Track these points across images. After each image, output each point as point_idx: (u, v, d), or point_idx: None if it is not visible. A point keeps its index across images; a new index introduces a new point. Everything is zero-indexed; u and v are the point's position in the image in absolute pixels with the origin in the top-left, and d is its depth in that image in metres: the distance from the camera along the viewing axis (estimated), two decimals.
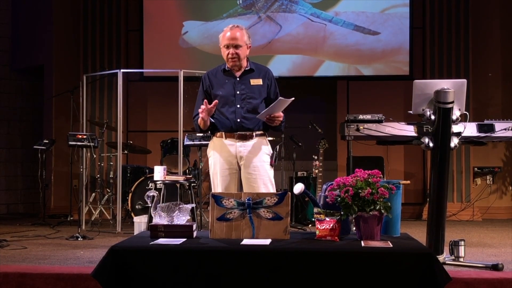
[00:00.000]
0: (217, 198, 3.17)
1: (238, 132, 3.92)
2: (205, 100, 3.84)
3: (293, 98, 3.79)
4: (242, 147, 3.93)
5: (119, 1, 8.34)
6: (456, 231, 6.37)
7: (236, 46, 3.90)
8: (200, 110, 3.84)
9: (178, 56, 8.24)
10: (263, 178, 3.93)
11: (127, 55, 8.39)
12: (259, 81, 3.99)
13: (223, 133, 3.96)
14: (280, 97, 3.80)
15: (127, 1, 8.40)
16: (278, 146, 6.59)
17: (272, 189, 3.94)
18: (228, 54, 3.91)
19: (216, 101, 3.86)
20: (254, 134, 3.95)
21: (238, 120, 3.91)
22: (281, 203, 3.15)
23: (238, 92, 3.94)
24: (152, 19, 8.32)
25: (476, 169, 7.98)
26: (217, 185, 3.98)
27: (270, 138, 4.39)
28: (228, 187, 3.93)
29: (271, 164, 4.03)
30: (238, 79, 3.97)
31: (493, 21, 8.14)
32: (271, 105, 3.81)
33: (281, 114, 3.87)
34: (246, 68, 3.99)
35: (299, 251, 2.91)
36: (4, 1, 8.87)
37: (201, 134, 6.41)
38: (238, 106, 3.92)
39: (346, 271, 2.83)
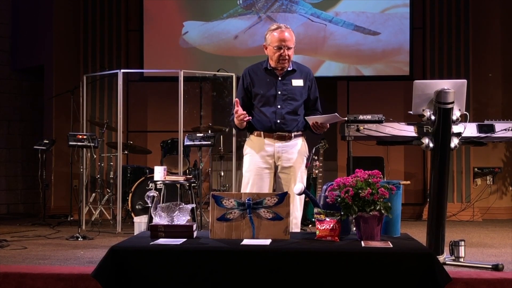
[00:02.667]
0: (217, 198, 3.17)
1: (277, 133, 3.93)
2: (237, 100, 3.85)
3: (345, 118, 3.85)
4: (280, 148, 3.94)
5: (119, 1, 8.34)
6: (456, 231, 6.36)
7: (289, 48, 3.92)
8: (235, 115, 3.85)
9: (178, 56, 8.25)
10: (296, 180, 3.94)
11: (127, 55, 8.39)
12: (301, 82, 4.00)
13: (262, 132, 3.95)
14: (336, 113, 3.84)
15: (127, 1, 8.40)
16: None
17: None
18: (280, 55, 3.90)
19: (246, 115, 3.84)
20: (292, 135, 3.96)
21: (278, 121, 3.92)
22: (281, 203, 3.15)
23: (279, 93, 3.94)
24: (152, 19, 8.32)
25: (476, 169, 7.98)
26: (249, 183, 3.95)
27: None
28: (262, 186, 3.92)
29: (306, 166, 4.05)
30: (280, 79, 3.97)
31: (493, 21, 8.13)
32: (325, 115, 3.87)
33: (328, 125, 3.91)
34: (289, 69, 3.99)
35: (299, 251, 2.91)
36: (4, 1, 8.87)
37: (201, 135, 6.42)
38: (279, 106, 3.93)
39: (346, 271, 2.83)
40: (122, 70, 6.74)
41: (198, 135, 6.43)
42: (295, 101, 3.97)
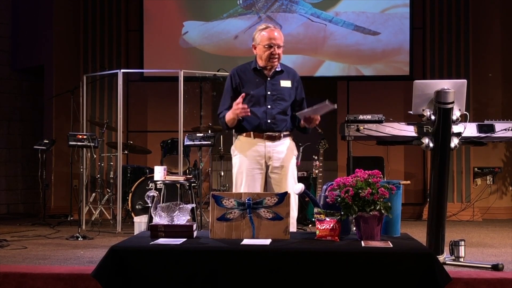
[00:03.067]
0: (217, 198, 3.17)
1: (267, 133, 3.92)
2: (243, 94, 3.83)
3: (335, 106, 3.83)
4: (270, 147, 3.93)
5: (119, 1, 8.34)
6: (456, 231, 6.36)
7: (279, 47, 3.93)
8: (236, 107, 3.81)
9: (178, 56, 8.24)
10: (289, 179, 3.95)
11: (127, 55, 8.39)
12: (289, 83, 4.01)
13: (252, 132, 3.94)
14: (327, 100, 3.81)
15: (127, 1, 8.40)
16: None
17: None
18: (271, 54, 3.91)
19: (248, 109, 3.82)
20: (282, 134, 3.96)
21: (269, 121, 3.91)
22: (281, 203, 3.15)
23: (269, 93, 3.94)
24: (152, 19, 8.32)
25: (476, 169, 7.98)
26: (241, 185, 3.95)
27: None
28: (254, 187, 3.91)
29: (296, 165, 4.05)
30: (269, 79, 3.97)
31: (493, 21, 8.13)
32: (316, 106, 3.84)
33: (319, 117, 3.90)
34: (277, 69, 4.00)
35: (299, 251, 2.91)
36: (4, 1, 8.87)
37: (201, 134, 6.42)
38: (269, 106, 3.92)
39: (346, 271, 2.83)
40: (122, 70, 6.75)
41: (198, 135, 6.42)
42: (285, 101, 3.97)
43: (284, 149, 3.96)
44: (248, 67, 4.03)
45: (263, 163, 3.95)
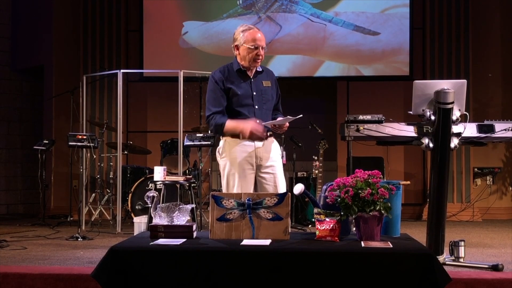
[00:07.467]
0: (217, 198, 3.17)
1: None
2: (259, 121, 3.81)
3: (301, 115, 3.83)
4: (260, 147, 3.92)
5: (119, 1, 8.35)
6: (456, 231, 6.36)
7: (262, 48, 3.94)
8: (259, 128, 3.78)
9: (178, 56, 8.24)
10: (279, 177, 3.96)
11: (127, 55, 8.39)
12: (269, 83, 4.02)
13: (240, 134, 3.91)
14: (289, 116, 3.83)
15: (127, 1, 8.41)
16: (282, 147, 6.60)
17: (285, 187, 3.96)
18: (256, 54, 3.92)
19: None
20: (268, 134, 3.96)
21: (258, 121, 3.89)
22: (281, 204, 3.15)
23: (255, 93, 3.94)
24: (152, 19, 8.32)
25: (476, 169, 7.98)
26: (234, 186, 3.90)
27: None
28: (248, 188, 3.88)
29: (283, 163, 4.07)
30: (252, 80, 3.97)
31: (493, 21, 8.14)
32: (281, 119, 3.87)
33: (287, 124, 3.91)
34: (258, 69, 4.00)
35: (299, 251, 2.91)
36: (4, 1, 8.87)
37: (201, 135, 6.41)
38: (257, 107, 3.92)
39: (346, 271, 2.83)
40: (122, 70, 6.75)
41: (198, 135, 6.42)
42: (269, 101, 3.98)
43: (271, 148, 3.97)
44: (230, 68, 4.02)
45: (254, 164, 3.92)
